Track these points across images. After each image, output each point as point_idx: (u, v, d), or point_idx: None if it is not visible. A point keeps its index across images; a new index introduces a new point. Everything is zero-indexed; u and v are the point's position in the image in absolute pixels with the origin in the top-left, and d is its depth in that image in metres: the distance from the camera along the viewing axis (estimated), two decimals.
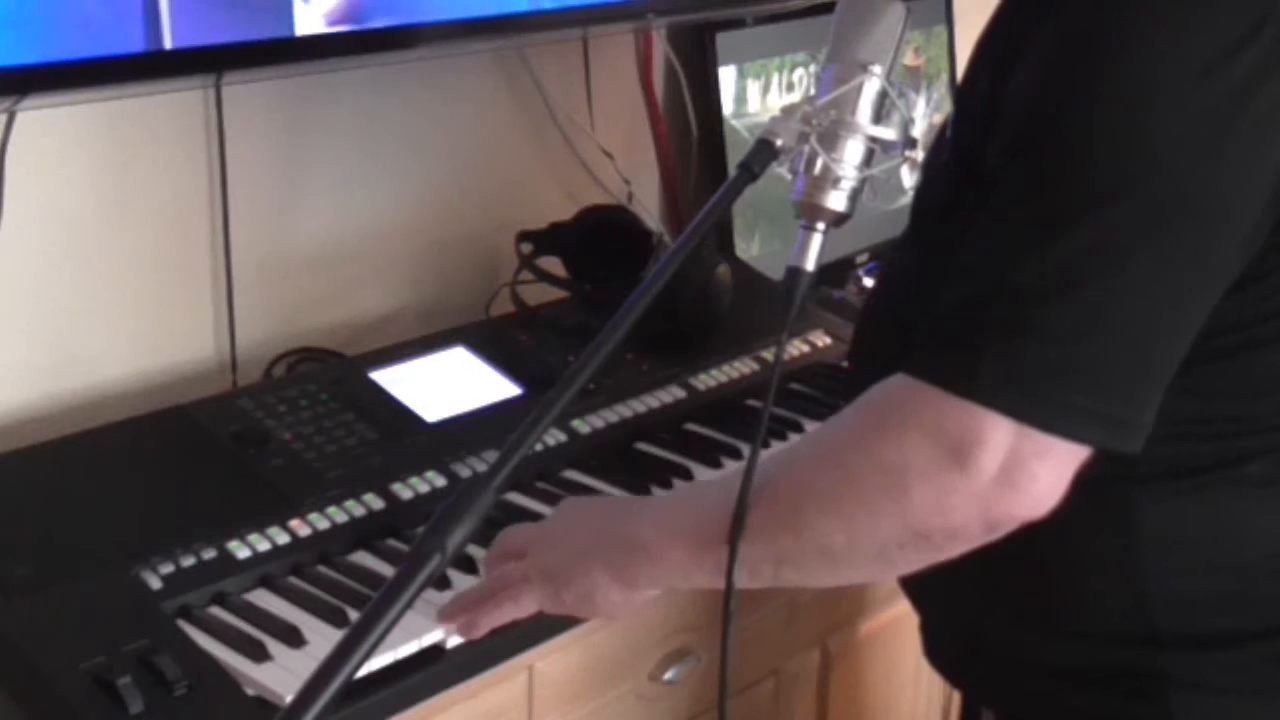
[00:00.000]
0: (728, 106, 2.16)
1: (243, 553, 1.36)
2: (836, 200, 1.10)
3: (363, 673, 0.96)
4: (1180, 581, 1.19)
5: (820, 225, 1.10)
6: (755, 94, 2.21)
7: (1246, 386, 1.17)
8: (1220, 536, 1.19)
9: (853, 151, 1.10)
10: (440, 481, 1.50)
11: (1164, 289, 1.07)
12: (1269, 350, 1.15)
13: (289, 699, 0.94)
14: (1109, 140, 1.07)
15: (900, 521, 1.10)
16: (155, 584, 1.30)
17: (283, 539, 1.38)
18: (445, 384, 1.65)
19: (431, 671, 1.28)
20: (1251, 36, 1.06)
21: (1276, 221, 1.09)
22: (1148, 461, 1.14)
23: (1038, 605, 1.25)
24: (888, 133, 1.11)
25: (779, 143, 1.10)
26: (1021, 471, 1.06)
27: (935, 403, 1.09)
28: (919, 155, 1.14)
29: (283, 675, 1.23)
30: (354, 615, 1.26)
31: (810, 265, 1.10)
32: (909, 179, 1.16)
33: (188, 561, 1.33)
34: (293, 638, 1.27)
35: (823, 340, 1.90)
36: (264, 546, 1.37)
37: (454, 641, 1.30)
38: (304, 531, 1.40)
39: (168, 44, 1.45)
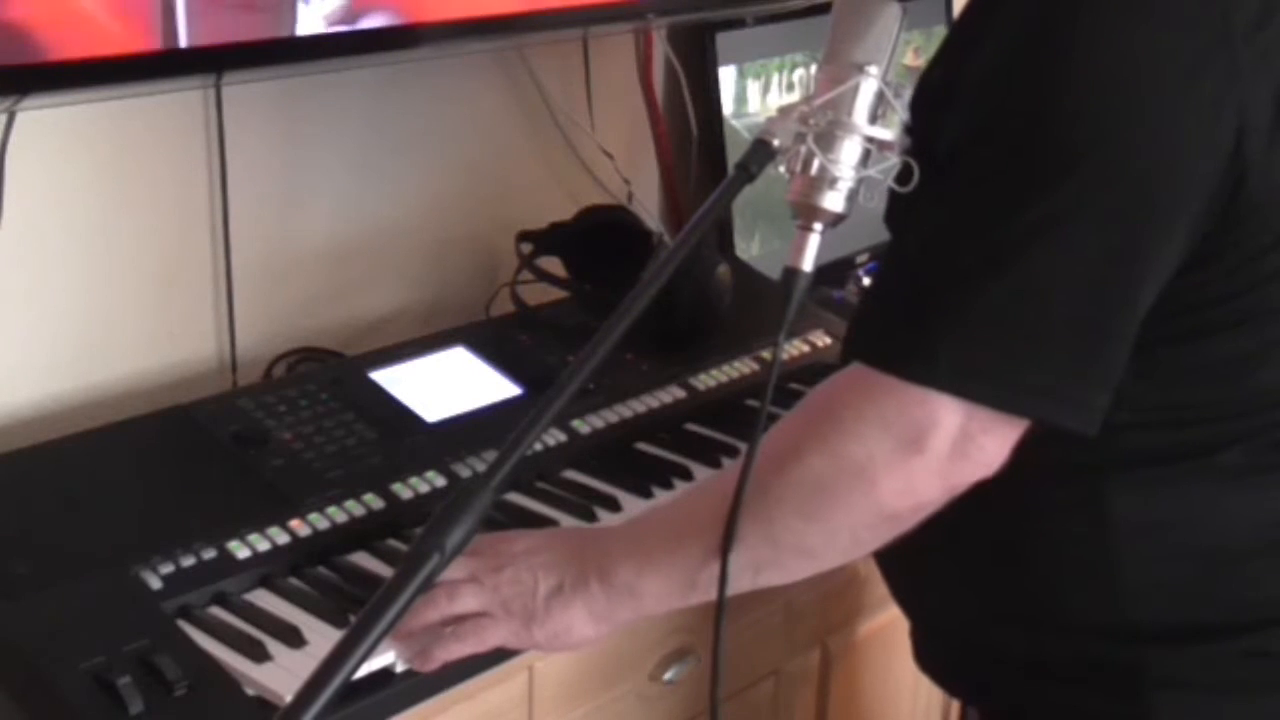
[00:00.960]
0: (728, 106, 2.16)
1: (243, 553, 1.36)
2: (833, 201, 1.11)
3: (362, 673, 0.96)
4: (1156, 571, 1.20)
5: (817, 226, 1.11)
6: (755, 94, 2.21)
7: (1214, 373, 1.18)
8: (1195, 526, 1.19)
9: (849, 152, 1.10)
10: (440, 481, 1.50)
11: (1110, 268, 1.09)
12: (1233, 334, 1.17)
13: (289, 699, 0.95)
14: (1057, 122, 1.09)
15: (872, 510, 1.15)
16: (155, 584, 1.30)
17: (283, 539, 1.38)
18: (445, 384, 1.65)
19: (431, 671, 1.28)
20: (1201, 26, 1.08)
21: (1226, 203, 1.10)
22: (1121, 449, 1.16)
23: (1017, 599, 1.26)
24: (884, 133, 1.11)
25: (776, 143, 1.11)
26: (971, 444, 1.11)
27: (891, 391, 1.12)
28: None
29: (283, 675, 1.23)
30: (354, 615, 1.26)
31: (807, 266, 1.10)
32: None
33: (188, 561, 1.33)
34: (293, 638, 1.27)
35: (823, 340, 1.90)
36: (264, 546, 1.37)
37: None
38: (304, 531, 1.40)
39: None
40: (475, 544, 1.23)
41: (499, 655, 1.33)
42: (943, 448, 1.11)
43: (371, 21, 1.62)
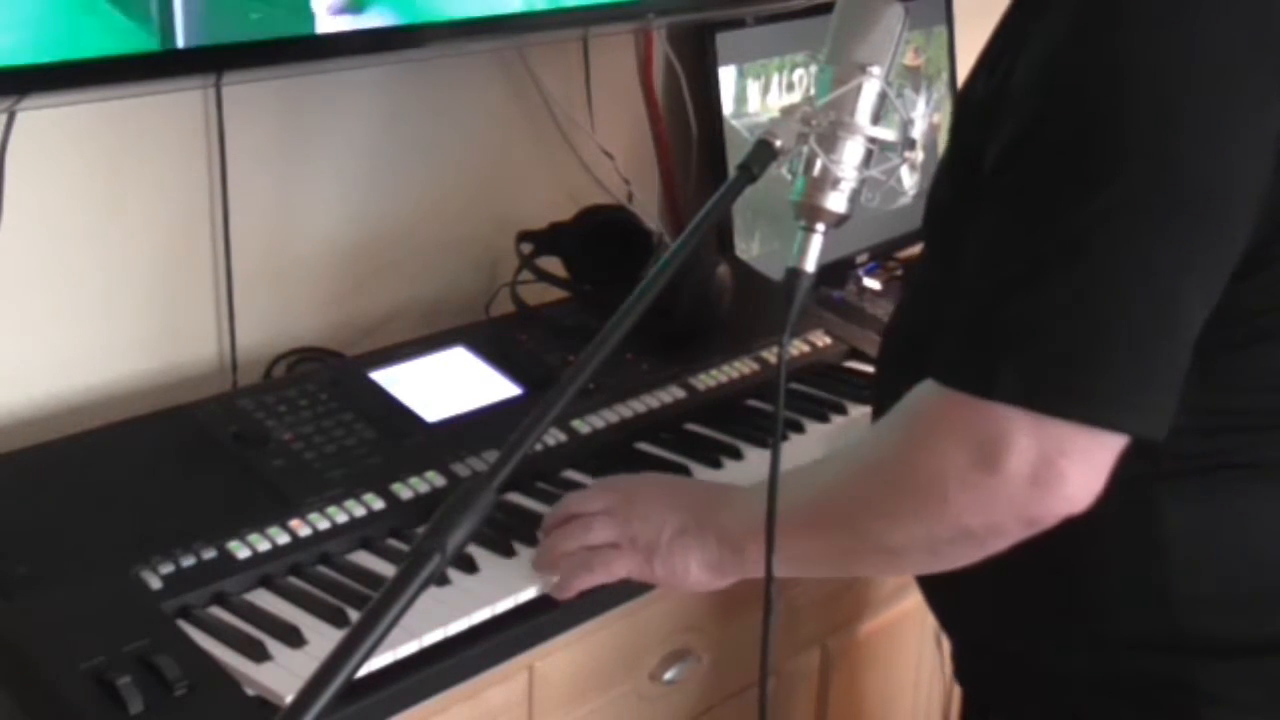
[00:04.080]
0: (728, 106, 2.16)
1: (243, 553, 1.36)
2: (836, 201, 1.10)
3: (363, 673, 0.96)
4: (1206, 583, 1.18)
5: (820, 226, 1.11)
6: (755, 94, 2.21)
7: (1270, 380, 1.16)
8: (1247, 537, 1.18)
9: (852, 152, 1.10)
10: (440, 481, 1.50)
11: (1170, 267, 1.08)
12: None
13: (289, 699, 0.95)
14: (1102, 122, 1.08)
15: (944, 523, 1.14)
16: (155, 584, 1.30)
17: (283, 539, 1.38)
18: (445, 384, 1.65)
19: (431, 671, 1.28)
20: (1244, 23, 1.07)
21: (1276, 204, 1.09)
22: (1172, 458, 1.14)
23: (1064, 613, 1.24)
24: (887, 133, 1.11)
25: (778, 143, 1.11)
26: (1049, 471, 1.09)
27: (961, 408, 1.11)
28: (918, 156, 1.15)
29: (283, 675, 1.23)
30: (354, 615, 1.26)
31: (810, 267, 1.10)
32: (909, 179, 1.16)
33: (188, 561, 1.33)
34: (293, 638, 1.27)
35: (823, 340, 1.90)
36: (264, 546, 1.37)
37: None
38: (304, 531, 1.40)
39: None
40: (607, 481, 1.40)
41: (500, 654, 1.34)
42: (1020, 472, 1.09)
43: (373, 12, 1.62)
